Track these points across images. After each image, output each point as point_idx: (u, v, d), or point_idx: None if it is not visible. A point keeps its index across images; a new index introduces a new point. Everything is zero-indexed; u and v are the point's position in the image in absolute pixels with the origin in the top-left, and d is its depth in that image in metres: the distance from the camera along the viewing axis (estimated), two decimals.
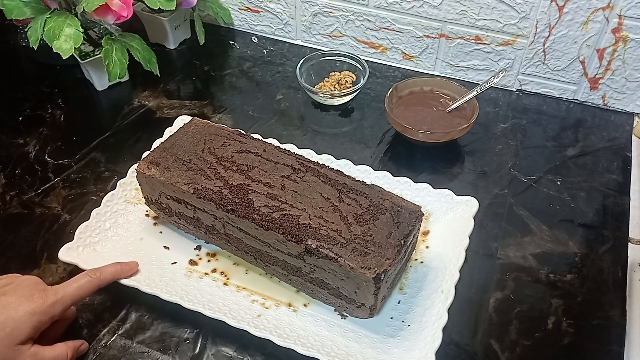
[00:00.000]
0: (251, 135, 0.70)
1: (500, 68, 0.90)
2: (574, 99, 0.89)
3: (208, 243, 0.70)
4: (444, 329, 0.58)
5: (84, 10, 0.79)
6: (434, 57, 0.94)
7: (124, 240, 0.69)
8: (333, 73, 0.92)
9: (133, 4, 0.84)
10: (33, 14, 0.82)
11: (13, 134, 0.86)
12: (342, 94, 0.87)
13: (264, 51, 1.02)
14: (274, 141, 0.75)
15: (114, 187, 0.73)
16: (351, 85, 0.90)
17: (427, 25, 0.90)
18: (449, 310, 0.59)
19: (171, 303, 0.61)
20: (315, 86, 0.90)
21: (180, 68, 0.99)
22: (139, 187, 0.69)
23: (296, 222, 0.58)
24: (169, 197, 0.66)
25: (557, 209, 0.74)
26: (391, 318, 0.62)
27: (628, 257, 0.68)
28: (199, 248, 0.69)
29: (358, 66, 0.91)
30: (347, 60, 0.92)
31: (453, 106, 0.82)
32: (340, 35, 0.98)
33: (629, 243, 0.70)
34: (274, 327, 0.60)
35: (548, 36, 0.83)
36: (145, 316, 0.63)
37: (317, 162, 0.65)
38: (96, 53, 0.89)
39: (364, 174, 0.73)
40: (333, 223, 0.58)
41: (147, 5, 0.87)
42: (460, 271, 0.62)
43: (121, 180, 0.74)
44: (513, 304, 0.64)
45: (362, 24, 0.94)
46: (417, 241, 0.67)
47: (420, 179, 0.73)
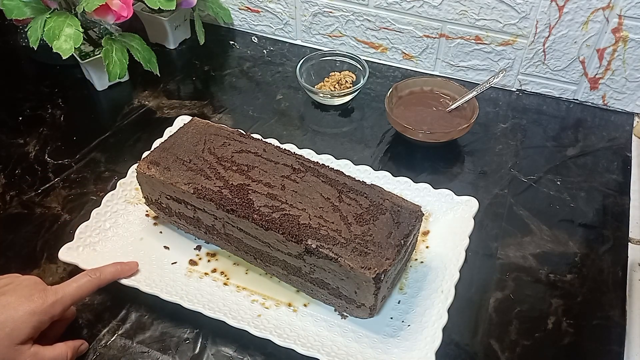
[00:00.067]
0: (251, 135, 0.70)
1: (500, 68, 0.90)
2: (574, 99, 0.89)
3: (208, 243, 0.70)
4: (444, 329, 0.58)
5: (84, 10, 0.79)
6: (434, 57, 0.94)
7: (124, 240, 0.69)
8: (333, 73, 0.92)
9: (133, 4, 0.84)
10: (33, 14, 0.82)
11: (13, 134, 0.86)
12: (342, 94, 0.87)
13: (264, 51, 1.02)
14: (274, 141, 0.75)
15: (114, 187, 0.73)
16: (351, 85, 0.90)
17: (427, 25, 0.90)
18: (449, 310, 0.59)
19: (171, 303, 0.61)
20: (315, 86, 0.90)
21: (180, 68, 0.99)
22: (139, 187, 0.69)
23: (296, 222, 0.58)
24: (169, 197, 0.66)
25: (557, 209, 0.74)
26: (391, 318, 0.62)
27: (628, 257, 0.68)
28: (199, 248, 0.69)
29: (358, 66, 0.91)
30: (347, 60, 0.92)
31: (453, 106, 0.82)
32: (340, 35, 0.98)
33: (629, 243, 0.70)
34: (274, 327, 0.60)
35: (548, 36, 0.83)
36: (145, 316, 0.63)
37: (317, 162, 0.65)
38: (96, 53, 0.89)
39: (364, 174, 0.73)
40: (333, 223, 0.58)
41: (147, 5, 0.87)
42: (460, 271, 0.62)
43: (121, 180, 0.74)
44: (513, 304, 0.64)
45: (362, 24, 0.94)
46: (417, 241, 0.67)
47: (420, 179, 0.73)
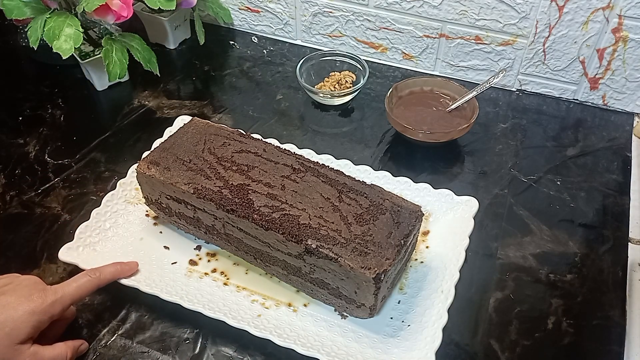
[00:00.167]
0: (251, 135, 0.70)
1: (500, 68, 0.90)
2: (574, 99, 0.89)
3: (208, 243, 0.70)
4: (444, 329, 0.58)
5: (84, 10, 0.79)
6: (434, 57, 0.94)
7: (124, 240, 0.69)
8: (333, 73, 0.92)
9: (133, 4, 0.84)
10: (33, 14, 0.82)
11: (13, 134, 0.86)
12: (342, 94, 0.87)
13: (264, 51, 1.02)
14: (274, 141, 0.75)
15: (114, 187, 0.73)
16: (351, 85, 0.90)
17: (427, 25, 0.90)
18: (449, 310, 0.59)
19: (171, 303, 0.61)
20: (315, 86, 0.90)
21: (180, 68, 0.99)
22: (139, 187, 0.69)
23: (296, 222, 0.58)
24: (169, 197, 0.66)
25: (557, 209, 0.74)
26: (391, 318, 0.62)
27: (628, 257, 0.68)
28: (199, 248, 0.69)
29: (358, 66, 0.91)
30: (347, 60, 0.92)
31: (453, 106, 0.82)
32: (340, 35, 0.98)
33: (629, 243, 0.70)
34: (274, 327, 0.60)
35: (548, 36, 0.83)
36: (145, 316, 0.63)
37: (317, 162, 0.65)
38: (96, 53, 0.89)
39: (364, 174, 0.73)
40: (333, 223, 0.58)
41: (147, 5, 0.87)
42: (460, 271, 0.62)
43: (121, 180, 0.74)
44: (513, 304, 0.64)
45: (362, 24, 0.94)
46: (417, 241, 0.67)
47: (420, 179, 0.73)
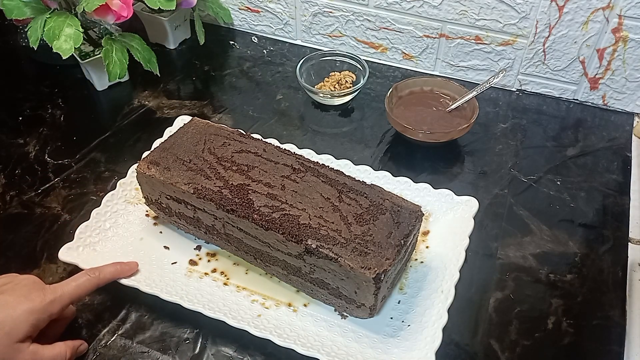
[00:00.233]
0: (251, 135, 0.70)
1: (500, 68, 0.90)
2: (574, 99, 0.89)
3: (208, 243, 0.70)
4: (444, 329, 0.58)
5: (84, 10, 0.79)
6: (434, 57, 0.94)
7: (124, 240, 0.69)
8: (333, 73, 0.92)
9: (133, 4, 0.84)
10: (33, 14, 0.82)
11: (13, 134, 0.86)
12: (342, 94, 0.87)
13: (264, 51, 1.02)
14: (274, 141, 0.75)
15: (114, 187, 0.73)
16: (351, 85, 0.90)
17: (427, 25, 0.90)
18: (449, 310, 0.59)
19: (171, 303, 0.61)
20: (315, 86, 0.90)
21: (180, 68, 0.99)
22: (139, 187, 0.69)
23: (296, 222, 0.58)
24: (169, 197, 0.66)
25: (557, 209, 0.74)
26: (391, 318, 0.62)
27: (628, 257, 0.68)
28: (199, 248, 0.69)
29: (358, 66, 0.91)
30: (347, 60, 0.92)
31: (453, 106, 0.82)
32: (340, 35, 0.98)
33: (629, 243, 0.70)
34: (274, 327, 0.60)
35: (548, 36, 0.83)
36: (145, 316, 0.63)
37: (317, 162, 0.65)
38: (96, 53, 0.89)
39: (364, 174, 0.73)
40: (333, 223, 0.58)
41: (147, 5, 0.87)
42: (460, 271, 0.62)
43: (121, 180, 0.74)
44: (513, 304, 0.64)
45: (362, 24, 0.94)
46: (417, 241, 0.67)
47: (420, 179, 0.73)
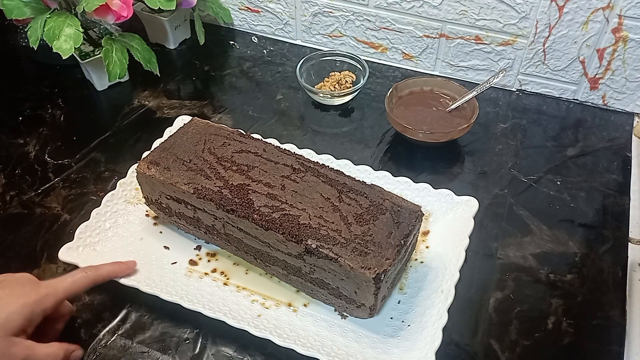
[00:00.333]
0: (251, 135, 0.70)
1: (500, 68, 0.90)
2: (574, 99, 0.89)
3: (208, 243, 0.70)
4: (444, 329, 0.58)
5: (84, 10, 0.79)
6: (434, 57, 0.94)
7: (124, 240, 0.69)
8: (333, 73, 0.92)
9: (133, 4, 0.84)
10: (33, 14, 0.82)
11: (13, 134, 0.86)
12: (342, 94, 0.87)
13: (264, 51, 1.02)
14: (274, 141, 0.75)
15: (114, 187, 0.73)
16: (351, 85, 0.90)
17: (427, 25, 0.90)
18: (449, 310, 0.59)
19: (171, 303, 0.61)
20: (315, 86, 0.90)
21: (180, 68, 0.99)
22: (139, 187, 0.69)
23: (296, 222, 0.58)
24: (169, 197, 0.66)
25: (557, 209, 0.74)
26: (391, 318, 0.62)
27: (628, 257, 0.68)
28: (199, 248, 0.69)
29: (358, 66, 0.91)
30: (347, 60, 0.92)
31: (453, 106, 0.82)
32: (340, 35, 0.98)
33: (629, 243, 0.70)
34: (274, 327, 0.60)
35: (548, 36, 0.83)
36: (145, 316, 0.63)
37: (317, 162, 0.65)
38: (96, 53, 0.89)
39: (364, 174, 0.73)
40: (333, 223, 0.58)
41: (147, 5, 0.87)
42: (460, 271, 0.62)
43: (121, 180, 0.74)
44: (513, 304, 0.64)
45: (362, 24, 0.94)
46: (417, 241, 0.67)
47: (420, 179, 0.73)
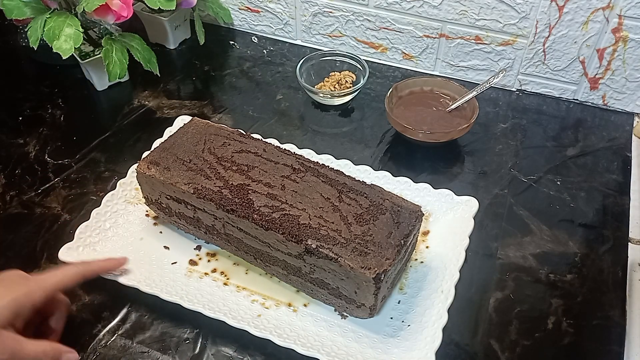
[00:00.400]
0: (251, 135, 0.70)
1: (500, 68, 0.90)
2: (574, 99, 0.89)
3: (208, 243, 0.70)
4: (444, 329, 0.58)
5: (84, 10, 0.79)
6: (434, 57, 0.94)
7: (124, 240, 0.69)
8: (333, 73, 0.92)
9: (133, 4, 0.84)
10: (33, 14, 0.82)
11: (13, 134, 0.86)
12: (342, 94, 0.87)
13: (264, 51, 1.02)
14: (274, 141, 0.75)
15: (114, 187, 0.73)
16: (351, 85, 0.90)
17: (427, 25, 0.90)
18: (449, 310, 0.59)
19: (171, 303, 0.61)
20: (315, 86, 0.90)
21: (180, 68, 0.99)
22: (139, 187, 0.69)
23: (296, 222, 0.58)
24: (169, 197, 0.66)
25: (557, 209, 0.74)
26: (391, 318, 0.62)
27: (628, 257, 0.68)
28: (199, 248, 0.69)
29: (358, 66, 0.91)
30: (347, 60, 0.92)
31: (453, 106, 0.82)
32: (340, 35, 0.98)
33: (629, 243, 0.70)
34: (274, 327, 0.60)
35: (548, 36, 0.83)
36: (145, 316, 0.63)
37: (317, 162, 0.65)
38: (96, 53, 0.89)
39: (364, 174, 0.73)
40: (333, 223, 0.58)
41: (147, 5, 0.87)
42: (460, 271, 0.62)
43: (121, 180, 0.74)
44: (513, 304, 0.64)
45: (362, 24, 0.94)
46: (417, 241, 0.67)
47: (420, 179, 0.73)
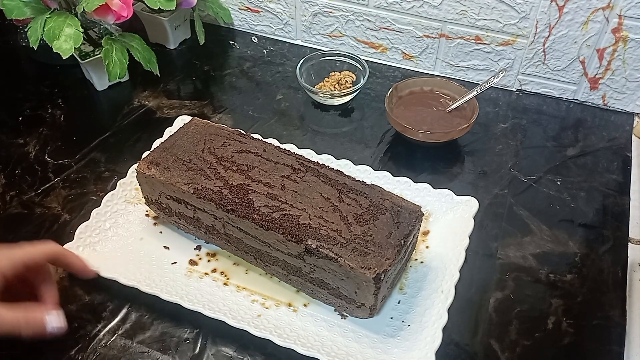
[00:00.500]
0: (251, 135, 0.70)
1: (500, 68, 0.90)
2: (574, 99, 0.89)
3: (208, 243, 0.70)
4: (444, 329, 0.58)
5: (84, 10, 0.79)
6: (434, 57, 0.94)
7: (124, 240, 0.69)
8: (333, 73, 0.92)
9: (133, 4, 0.84)
10: (33, 14, 0.82)
11: (13, 134, 0.86)
12: (342, 94, 0.87)
13: (264, 51, 1.02)
14: (274, 141, 0.75)
15: (114, 187, 0.73)
16: (351, 85, 0.90)
17: (427, 25, 0.90)
18: (449, 310, 0.59)
19: (171, 303, 0.61)
20: (315, 86, 0.90)
21: (180, 68, 0.99)
22: (139, 187, 0.69)
23: (296, 222, 0.58)
24: (169, 197, 0.66)
25: (557, 209, 0.74)
26: (391, 318, 0.62)
27: (628, 257, 0.68)
28: (199, 248, 0.69)
29: (358, 66, 0.91)
30: (347, 60, 0.92)
31: (453, 106, 0.82)
32: (340, 35, 0.98)
33: (629, 243, 0.70)
34: (274, 327, 0.60)
35: (548, 36, 0.83)
36: (145, 316, 0.63)
37: (317, 162, 0.65)
38: (96, 53, 0.89)
39: (364, 174, 0.73)
40: (333, 223, 0.58)
41: (147, 5, 0.87)
42: (460, 271, 0.62)
43: (121, 180, 0.74)
44: (513, 304, 0.64)
45: (362, 24, 0.94)
46: (417, 241, 0.67)
47: (420, 179, 0.73)
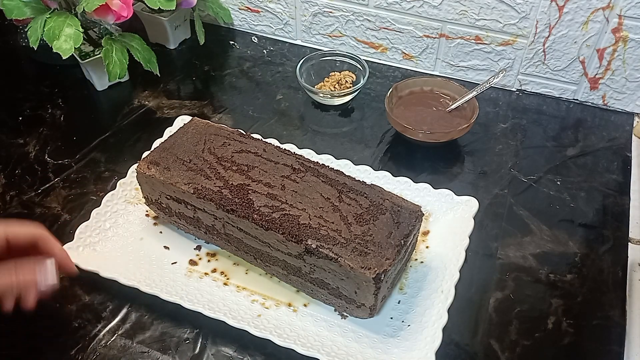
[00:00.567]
0: (251, 135, 0.70)
1: (500, 68, 0.90)
2: (574, 99, 0.89)
3: (208, 243, 0.70)
4: (444, 329, 0.58)
5: (84, 10, 0.79)
6: (434, 57, 0.94)
7: (124, 240, 0.69)
8: (333, 73, 0.92)
9: (133, 4, 0.84)
10: (33, 14, 0.82)
11: (13, 134, 0.86)
12: (342, 94, 0.87)
13: (264, 51, 1.02)
14: (274, 141, 0.75)
15: (114, 187, 0.73)
16: (351, 85, 0.90)
17: (427, 25, 0.90)
18: (449, 310, 0.59)
19: (171, 303, 0.61)
20: (315, 86, 0.90)
21: (180, 68, 0.99)
22: (139, 187, 0.69)
23: (296, 222, 0.58)
24: (169, 197, 0.66)
25: (557, 209, 0.74)
26: (391, 318, 0.62)
27: (628, 257, 0.68)
28: (199, 248, 0.69)
29: (358, 66, 0.91)
30: (347, 60, 0.92)
31: (453, 106, 0.82)
32: (340, 35, 0.98)
33: (629, 243, 0.70)
34: (274, 327, 0.60)
35: (548, 36, 0.83)
36: (145, 316, 0.63)
37: (317, 162, 0.65)
38: (96, 53, 0.89)
39: (364, 174, 0.73)
40: (333, 223, 0.58)
41: (147, 5, 0.87)
42: (460, 271, 0.62)
43: (121, 180, 0.74)
44: (513, 304, 0.64)
45: (362, 24, 0.94)
46: (417, 241, 0.67)
47: (420, 179, 0.73)
